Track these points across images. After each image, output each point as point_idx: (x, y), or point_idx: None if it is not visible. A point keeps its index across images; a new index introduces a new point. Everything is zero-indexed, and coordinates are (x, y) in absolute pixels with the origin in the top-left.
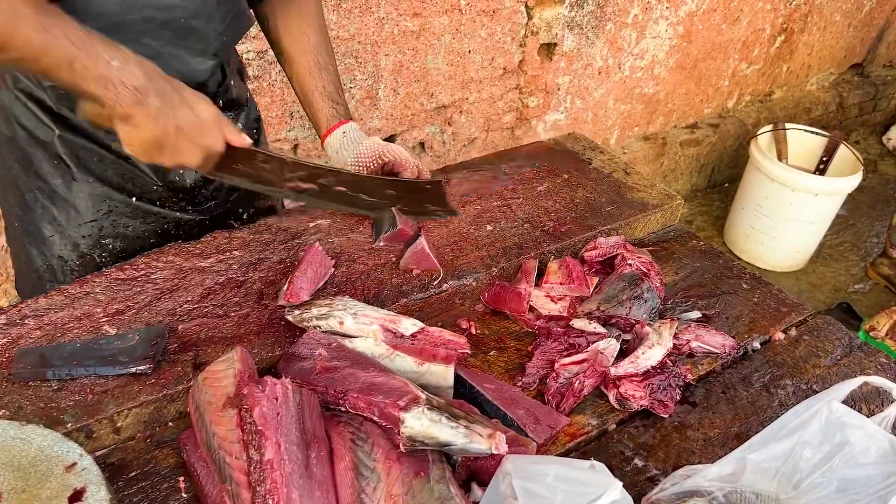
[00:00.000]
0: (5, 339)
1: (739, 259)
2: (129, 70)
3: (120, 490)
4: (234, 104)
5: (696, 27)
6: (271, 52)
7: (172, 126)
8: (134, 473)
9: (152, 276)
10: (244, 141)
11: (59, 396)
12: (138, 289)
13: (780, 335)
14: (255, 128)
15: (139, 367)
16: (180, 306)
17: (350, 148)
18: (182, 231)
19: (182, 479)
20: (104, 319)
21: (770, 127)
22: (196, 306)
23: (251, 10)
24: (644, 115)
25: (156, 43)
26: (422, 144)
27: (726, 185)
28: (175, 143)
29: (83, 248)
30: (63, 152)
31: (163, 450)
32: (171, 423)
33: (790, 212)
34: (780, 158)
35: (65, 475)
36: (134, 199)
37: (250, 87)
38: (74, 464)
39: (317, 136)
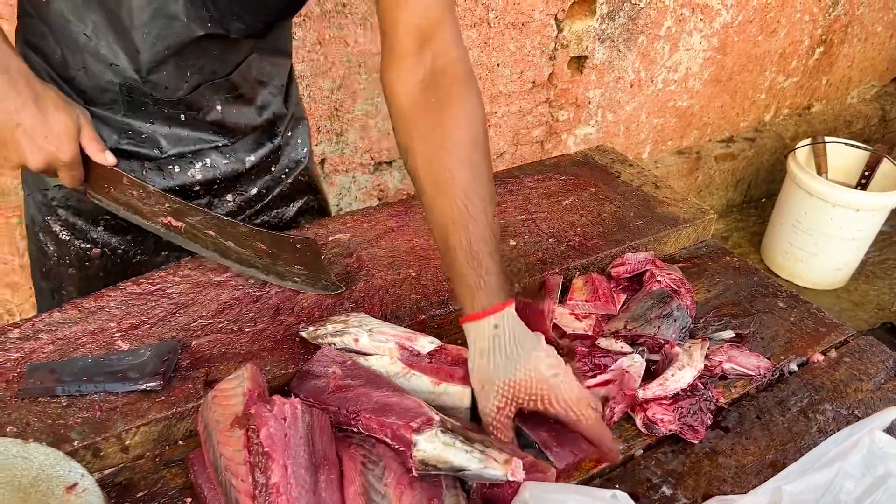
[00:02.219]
0: (18, 354)
1: (777, 276)
2: None
3: None
4: (269, 122)
5: (732, 39)
6: (298, 67)
7: (12, 122)
8: (141, 494)
9: (168, 291)
10: (104, 159)
11: (67, 413)
12: (153, 303)
13: (818, 357)
14: (303, 173)
15: (149, 384)
16: (194, 321)
17: (503, 365)
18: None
19: (189, 500)
20: (118, 334)
21: (809, 141)
22: (210, 321)
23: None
24: (678, 128)
25: None
26: None
27: (763, 200)
28: (14, 140)
29: (42, 211)
30: None
31: (171, 470)
32: (180, 442)
33: (831, 228)
34: (819, 173)
35: (65, 496)
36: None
37: None
38: (76, 484)
39: (344, 150)
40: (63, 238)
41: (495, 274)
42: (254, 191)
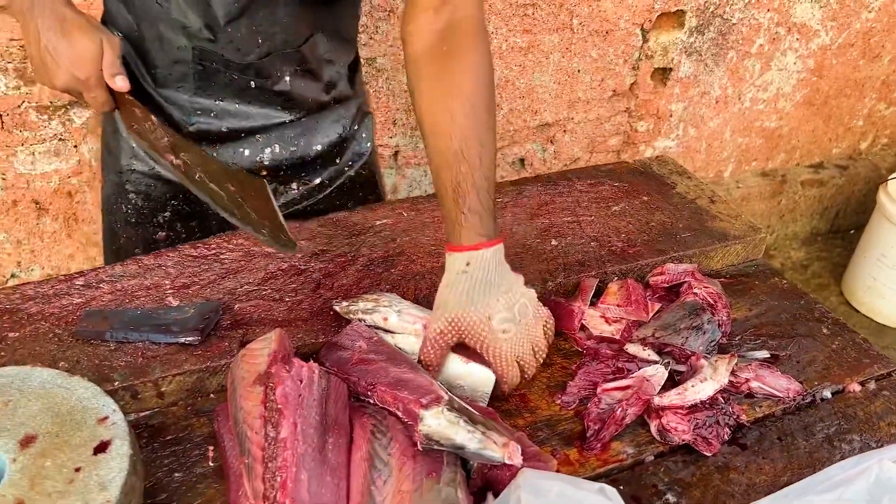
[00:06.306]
0: (80, 300)
1: (857, 311)
2: None
3: (155, 451)
4: (336, 101)
5: (830, 62)
6: (379, 61)
7: (40, 42)
8: (170, 437)
9: (221, 256)
10: (114, 83)
11: (113, 356)
12: (206, 266)
13: (855, 387)
14: (364, 167)
15: (187, 338)
16: (241, 287)
17: (461, 302)
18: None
19: (211, 448)
20: (170, 291)
21: None
22: (255, 288)
23: None
24: (764, 149)
25: None
26: (522, 161)
27: (851, 231)
28: (40, 59)
29: (116, 192)
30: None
31: (200, 419)
32: (212, 395)
33: None
34: None
35: (96, 427)
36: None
37: None
38: (106, 417)
39: (418, 144)
40: (132, 221)
41: (479, 214)
42: (317, 180)
